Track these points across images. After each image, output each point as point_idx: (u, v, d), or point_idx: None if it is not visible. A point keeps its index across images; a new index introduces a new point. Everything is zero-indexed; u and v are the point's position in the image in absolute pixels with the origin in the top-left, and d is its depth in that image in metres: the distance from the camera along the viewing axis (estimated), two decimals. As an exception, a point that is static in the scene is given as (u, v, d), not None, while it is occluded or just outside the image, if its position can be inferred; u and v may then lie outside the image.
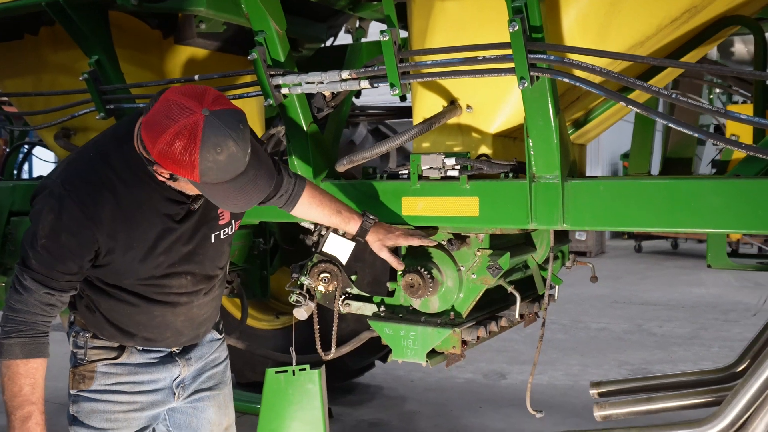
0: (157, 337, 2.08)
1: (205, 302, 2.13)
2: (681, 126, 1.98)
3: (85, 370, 2.03)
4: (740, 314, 8.33)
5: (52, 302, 1.86)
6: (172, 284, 2.02)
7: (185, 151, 1.65)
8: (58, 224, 1.80)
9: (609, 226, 2.16)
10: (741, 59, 4.18)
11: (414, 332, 2.43)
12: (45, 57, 3.57)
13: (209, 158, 1.66)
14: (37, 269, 1.82)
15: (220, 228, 2.07)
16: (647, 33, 2.25)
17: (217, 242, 2.07)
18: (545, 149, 2.16)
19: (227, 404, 2.31)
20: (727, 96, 5.83)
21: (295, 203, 2.28)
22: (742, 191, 1.96)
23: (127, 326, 2.03)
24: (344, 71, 2.34)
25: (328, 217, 2.32)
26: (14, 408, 1.82)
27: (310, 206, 2.30)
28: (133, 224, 1.88)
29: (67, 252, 1.82)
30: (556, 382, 5.64)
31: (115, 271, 1.94)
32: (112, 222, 1.84)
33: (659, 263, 13.51)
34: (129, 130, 1.89)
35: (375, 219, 2.34)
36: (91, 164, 1.88)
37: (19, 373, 1.82)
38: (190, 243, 2.00)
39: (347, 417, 4.88)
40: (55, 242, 1.81)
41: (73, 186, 1.83)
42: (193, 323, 2.13)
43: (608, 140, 17.15)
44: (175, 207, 1.94)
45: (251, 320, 4.80)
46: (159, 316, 2.04)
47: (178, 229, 1.95)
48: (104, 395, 2.04)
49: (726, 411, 2.18)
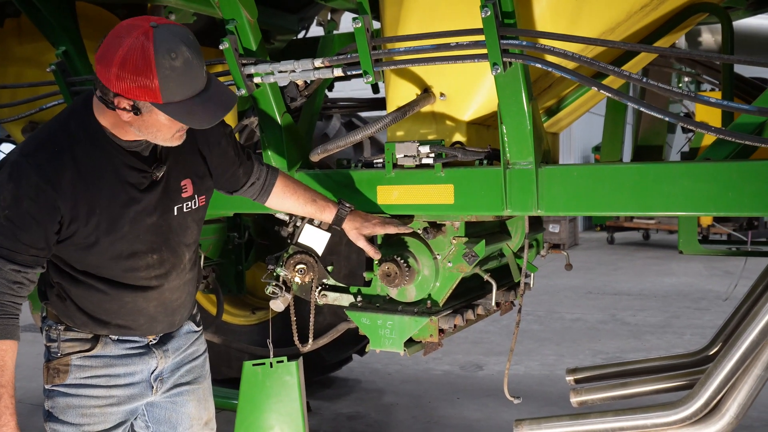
0: (131, 324, 2.02)
1: (177, 286, 2.07)
2: (652, 110, 2.00)
3: (59, 364, 1.98)
4: (711, 302, 8.46)
5: (19, 279, 1.81)
6: (139, 264, 1.96)
7: (141, 60, 1.64)
8: (18, 192, 1.77)
9: (582, 211, 2.18)
10: (708, 48, 4.24)
11: (391, 321, 2.43)
12: (10, 49, 3.50)
13: (165, 65, 1.65)
14: (1, 243, 1.78)
15: (183, 201, 2.01)
16: (618, 19, 2.27)
17: (180, 215, 2.01)
18: (519, 136, 2.17)
19: (207, 398, 2.27)
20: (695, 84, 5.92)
21: (268, 193, 2.27)
22: (712, 174, 1.99)
23: (98, 314, 1.98)
24: (317, 59, 2.33)
25: (303, 206, 2.31)
26: None
27: (284, 196, 2.29)
28: (94, 190, 1.83)
29: (30, 219, 1.77)
30: (532, 372, 5.68)
31: (81, 247, 1.88)
32: (73, 187, 1.80)
33: (631, 254, 13.67)
34: (86, 101, 1.87)
35: (351, 207, 2.33)
36: (51, 134, 1.86)
37: None
38: (153, 214, 1.94)
39: (325, 410, 4.88)
40: (17, 210, 1.77)
41: (32, 155, 1.80)
42: (167, 309, 2.07)
43: (580, 133, 17.31)
44: (137, 176, 1.90)
45: (227, 316, 4.77)
46: (130, 302, 1.99)
47: (142, 199, 1.91)
48: (79, 389, 1.99)
49: (699, 393, 2.22)
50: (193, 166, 2.05)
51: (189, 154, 2.03)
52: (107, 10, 3.36)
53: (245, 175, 2.23)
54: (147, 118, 1.76)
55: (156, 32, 1.67)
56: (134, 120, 1.77)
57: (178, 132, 1.83)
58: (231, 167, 2.17)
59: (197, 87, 1.73)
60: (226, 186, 2.23)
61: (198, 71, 1.73)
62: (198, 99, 1.73)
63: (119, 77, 1.67)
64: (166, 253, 2.01)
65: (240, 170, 2.21)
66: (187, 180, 2.02)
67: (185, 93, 1.71)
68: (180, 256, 2.06)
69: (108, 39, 1.70)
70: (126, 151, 1.88)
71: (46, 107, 3.18)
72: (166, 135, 1.82)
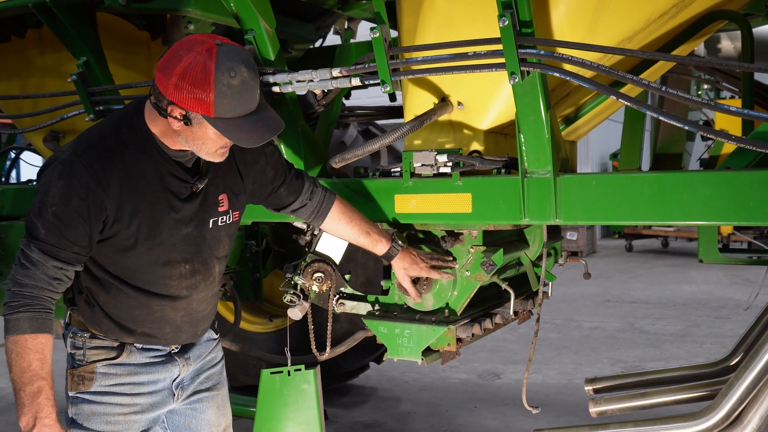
0: (156, 332, 2.04)
1: (204, 298, 2.11)
2: (671, 119, 1.99)
3: (84, 371, 1.99)
4: (731, 311, 8.37)
5: (59, 276, 1.83)
6: (173, 273, 1.99)
7: (202, 74, 1.72)
8: (68, 190, 1.80)
9: (601, 220, 2.16)
10: (728, 55, 4.21)
11: (409, 330, 2.42)
12: (31, 59, 3.55)
13: (224, 81, 1.72)
14: (46, 239, 1.80)
15: (219, 215, 2.06)
16: (636, 28, 2.26)
17: (214, 228, 2.06)
18: (537, 145, 2.16)
19: (225, 405, 2.29)
20: (714, 92, 5.87)
21: (324, 216, 2.30)
22: (732, 183, 1.97)
23: (126, 322, 2.00)
24: (335, 69, 2.34)
25: (357, 236, 2.33)
26: (23, 384, 1.78)
27: (339, 222, 2.31)
28: (139, 193, 1.88)
29: (78, 217, 1.81)
30: (550, 381, 5.64)
31: (120, 249, 1.91)
32: (121, 189, 1.85)
33: (650, 262, 13.56)
34: (137, 107, 1.94)
35: (403, 246, 2.34)
36: (101, 135, 1.91)
37: (28, 348, 1.78)
38: (190, 225, 1.99)
39: (342, 418, 4.87)
40: (66, 208, 1.80)
41: (84, 153, 1.85)
42: (192, 320, 2.10)
43: (597, 140, 17.22)
44: (179, 185, 1.95)
45: (244, 323, 4.78)
46: (158, 311, 2.01)
47: (181, 208, 1.95)
48: (104, 397, 2.00)
49: (721, 404, 2.19)
50: (231, 182, 2.10)
51: (227, 170, 2.09)
52: (127, 20, 3.39)
53: (291, 194, 2.25)
54: (196, 129, 1.81)
55: (219, 50, 1.74)
56: (183, 130, 1.82)
57: (221, 148, 1.89)
58: (270, 186, 2.21)
59: (249, 108, 1.79)
60: (270, 203, 2.27)
61: (252, 93, 1.79)
62: (248, 119, 1.79)
63: (177, 87, 1.74)
64: (198, 264, 2.04)
65: (282, 190, 2.24)
66: (224, 195, 2.07)
67: (237, 111, 1.77)
68: (211, 268, 2.09)
69: (172, 50, 1.78)
70: (172, 160, 1.93)
71: (66, 117, 3.21)
72: (210, 149, 1.87)
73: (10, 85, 3.70)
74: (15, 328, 1.79)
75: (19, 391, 1.78)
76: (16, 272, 1.82)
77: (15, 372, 1.79)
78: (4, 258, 3.93)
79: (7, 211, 3.93)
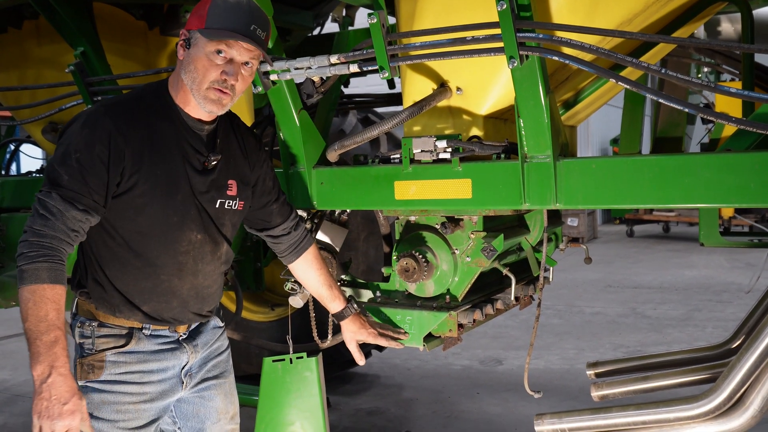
0: (164, 307, 2.05)
1: (210, 272, 2.12)
2: (671, 101, 1.98)
3: (94, 360, 1.99)
4: (733, 294, 8.38)
5: (77, 228, 1.84)
6: (183, 238, 2.02)
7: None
8: (91, 137, 1.87)
9: (602, 203, 2.16)
10: (728, 37, 4.18)
11: (410, 317, 2.43)
12: (29, 51, 3.54)
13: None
14: (69, 185, 1.83)
15: (227, 197, 2.11)
16: (635, 10, 2.24)
17: (221, 209, 2.10)
18: (536, 129, 2.15)
19: (232, 392, 2.31)
20: (715, 74, 5.86)
21: (300, 255, 2.37)
22: (732, 165, 1.96)
23: (133, 297, 2.01)
24: (333, 56, 2.33)
25: (320, 286, 2.38)
26: (40, 333, 1.74)
27: (311, 266, 2.37)
28: (159, 154, 1.95)
29: (99, 164, 1.86)
30: (552, 366, 5.66)
31: (136, 206, 1.94)
32: (141, 144, 1.92)
33: (651, 247, 13.56)
34: (162, 80, 2.07)
35: (357, 309, 2.41)
36: (127, 98, 2.03)
37: (46, 297, 1.76)
38: (200, 198, 2.03)
39: (345, 406, 4.89)
40: (89, 154, 1.85)
41: (109, 107, 1.95)
42: (199, 295, 2.11)
43: (597, 126, 17.18)
44: (195, 156, 2.02)
45: (246, 312, 4.80)
46: (165, 281, 2.02)
47: (194, 179, 2.02)
48: (114, 386, 2.00)
49: (722, 386, 2.19)
50: (241, 172, 2.16)
51: (239, 160, 2.16)
52: (123, 10, 3.38)
53: (279, 215, 2.31)
54: (192, 52, 1.93)
55: None
56: (184, 57, 1.95)
57: (214, 87, 1.94)
58: (266, 197, 2.27)
59: (237, 26, 1.90)
60: (259, 217, 2.30)
61: (244, 16, 1.91)
62: (233, 34, 1.89)
63: (190, 15, 1.95)
64: (208, 236, 2.07)
65: (275, 207, 2.30)
66: (234, 181, 2.12)
67: (225, 23, 1.89)
68: (219, 244, 2.12)
69: None
70: (190, 129, 2.02)
71: (65, 108, 3.21)
72: (201, 78, 1.93)
73: (8, 77, 3.69)
74: (33, 277, 1.76)
75: (35, 341, 1.74)
76: (33, 222, 1.81)
77: (31, 321, 1.75)
78: (5, 249, 3.93)
79: (7, 203, 3.93)
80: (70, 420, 1.74)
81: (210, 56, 1.91)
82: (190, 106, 2.00)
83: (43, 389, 1.73)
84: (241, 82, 1.99)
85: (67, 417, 1.74)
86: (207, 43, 1.90)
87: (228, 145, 2.12)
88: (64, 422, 1.73)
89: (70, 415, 1.74)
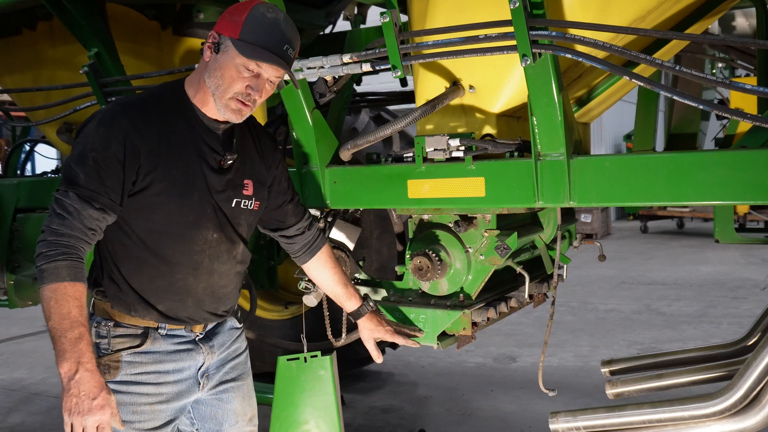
0: (179, 306, 2.04)
1: (226, 272, 2.11)
2: (685, 98, 1.97)
3: (110, 360, 1.99)
4: (748, 291, 8.33)
5: (94, 227, 1.85)
6: (199, 237, 2.02)
7: (244, 3, 1.93)
8: (108, 136, 1.88)
9: (616, 201, 2.15)
10: (743, 33, 4.15)
11: (424, 315, 2.43)
12: (43, 52, 3.56)
13: (260, 9, 1.91)
14: (86, 184, 1.84)
15: (243, 197, 2.11)
16: (648, 6, 2.23)
17: (237, 208, 2.10)
18: (550, 127, 2.14)
19: (250, 395, 2.30)
20: (729, 70, 5.81)
21: (313, 254, 2.35)
22: (748, 162, 1.95)
23: (148, 295, 2.00)
24: (345, 55, 2.33)
25: (335, 284, 2.37)
26: (64, 330, 1.75)
27: (325, 265, 2.37)
28: (175, 151, 1.96)
29: (116, 162, 1.87)
30: (566, 364, 5.64)
31: (152, 205, 1.94)
32: (158, 142, 1.93)
33: (665, 243, 13.49)
34: (180, 80, 2.08)
35: (373, 307, 2.38)
36: (143, 97, 2.05)
37: (68, 295, 1.77)
38: (216, 197, 2.04)
39: (359, 403, 4.90)
40: (106, 153, 1.86)
41: (126, 106, 1.96)
42: (214, 294, 2.10)
43: (611, 121, 17.10)
44: (211, 155, 2.02)
45: (260, 311, 4.81)
46: (180, 280, 2.02)
47: (210, 178, 2.02)
48: (130, 387, 2.00)
49: (738, 384, 2.18)
50: (257, 172, 2.16)
51: (255, 160, 2.16)
52: (137, 10, 3.39)
53: (294, 216, 2.31)
54: (220, 57, 1.93)
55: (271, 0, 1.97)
56: (211, 61, 1.95)
57: (237, 98, 1.95)
58: (282, 197, 2.27)
59: (271, 45, 1.90)
60: (274, 217, 2.29)
61: (279, 35, 1.91)
62: (265, 51, 1.90)
63: (224, 16, 1.95)
64: (224, 235, 2.07)
65: (290, 207, 2.29)
66: (250, 181, 2.13)
67: (260, 40, 1.89)
68: (235, 243, 2.12)
69: None
70: (206, 128, 2.02)
71: (79, 108, 3.23)
72: (226, 86, 1.94)
73: (22, 78, 3.72)
74: (54, 276, 1.77)
75: (60, 338, 1.75)
76: (51, 222, 1.83)
77: (54, 319, 1.76)
78: (21, 250, 3.97)
79: (23, 204, 3.96)
80: (100, 415, 1.75)
81: (239, 68, 1.91)
82: (209, 107, 2.01)
83: (71, 386, 1.74)
84: (264, 95, 2.00)
85: (97, 412, 1.75)
86: (238, 55, 1.90)
87: (244, 145, 2.12)
88: (94, 417, 1.74)
89: (100, 410, 1.75)
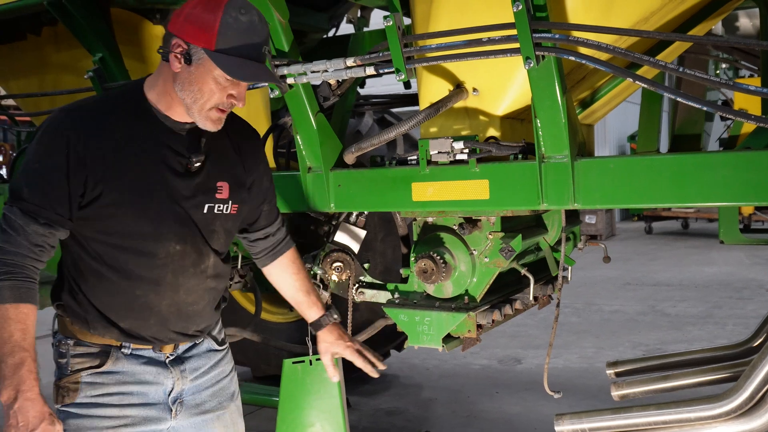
0: (141, 325, 1.89)
1: (193, 288, 1.93)
2: (689, 99, 1.97)
3: (68, 382, 1.85)
4: (754, 291, 8.31)
5: (40, 243, 1.75)
6: (159, 251, 1.85)
7: (212, 3, 1.72)
8: (51, 145, 1.75)
9: (620, 203, 2.15)
10: (746, 33, 4.14)
11: (429, 318, 2.43)
12: (48, 57, 3.58)
13: (232, 14, 1.71)
14: (29, 198, 1.73)
15: (216, 201, 1.93)
16: (651, 8, 2.23)
17: (209, 215, 1.92)
18: (553, 129, 2.15)
19: (235, 421, 2.13)
20: (733, 71, 5.81)
21: (275, 258, 2.21)
22: (752, 163, 1.95)
23: (109, 312, 1.87)
24: (349, 59, 2.33)
25: (296, 291, 2.25)
26: (4, 355, 1.67)
27: (286, 270, 2.23)
28: (127, 156, 1.80)
29: (59, 174, 1.73)
30: (571, 365, 5.64)
31: (106, 216, 1.80)
32: (106, 148, 1.77)
33: (670, 244, 13.46)
34: (139, 80, 1.92)
35: (336, 319, 2.27)
36: (95, 99, 1.92)
37: (9, 318, 1.68)
38: (182, 204, 1.87)
39: (364, 406, 4.90)
40: (47, 164, 1.74)
41: (70, 110, 1.82)
42: (181, 313, 1.93)
43: (615, 122, 17.09)
44: (174, 158, 1.86)
45: (265, 314, 4.81)
46: (141, 296, 1.87)
47: (174, 184, 1.85)
48: (91, 409, 1.85)
49: (744, 385, 2.17)
50: (235, 172, 1.99)
51: (232, 159, 1.99)
52: (141, 15, 3.41)
53: (267, 218, 2.16)
54: (194, 70, 1.76)
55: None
56: (182, 71, 1.77)
57: (217, 109, 1.81)
58: (262, 197, 2.12)
59: (251, 54, 1.75)
60: (249, 218, 2.14)
61: (257, 39, 1.76)
62: (247, 61, 1.74)
63: (186, 18, 1.74)
64: (190, 248, 1.90)
65: (264, 207, 2.15)
66: (225, 183, 1.95)
67: (239, 49, 1.73)
68: (204, 256, 1.94)
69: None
70: (168, 130, 1.85)
71: (84, 113, 3.24)
72: (206, 100, 1.79)
73: (27, 83, 3.74)
74: None
75: (1, 363, 1.67)
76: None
77: None
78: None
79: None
80: None
81: (218, 79, 1.76)
82: (173, 111, 1.84)
83: (11, 416, 1.66)
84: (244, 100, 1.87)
85: None
86: (217, 68, 1.74)
87: (216, 144, 1.92)
88: None
89: None
